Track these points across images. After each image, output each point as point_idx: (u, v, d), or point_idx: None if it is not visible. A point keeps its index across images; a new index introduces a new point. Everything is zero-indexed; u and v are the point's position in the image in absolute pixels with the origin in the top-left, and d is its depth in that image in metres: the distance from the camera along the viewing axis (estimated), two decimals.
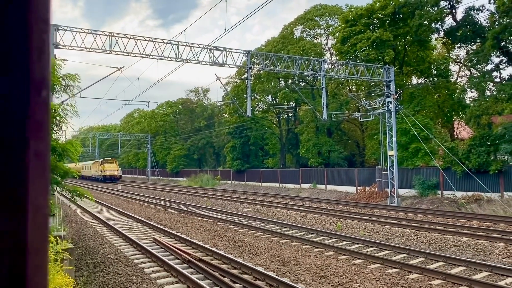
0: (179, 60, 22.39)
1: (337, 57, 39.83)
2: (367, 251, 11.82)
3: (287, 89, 47.99)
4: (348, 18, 37.58)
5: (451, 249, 11.99)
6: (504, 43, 29.48)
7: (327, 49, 48.79)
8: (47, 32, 0.57)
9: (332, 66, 33.44)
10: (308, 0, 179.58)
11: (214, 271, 9.35)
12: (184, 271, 9.24)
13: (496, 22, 30.31)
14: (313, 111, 38.41)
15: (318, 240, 13.57)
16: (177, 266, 9.69)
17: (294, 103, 48.03)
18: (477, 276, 9.09)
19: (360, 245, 12.83)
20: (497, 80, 32.71)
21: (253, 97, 55.31)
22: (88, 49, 20.28)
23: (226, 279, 8.74)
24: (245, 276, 8.97)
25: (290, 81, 48.84)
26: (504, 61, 31.42)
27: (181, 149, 67.17)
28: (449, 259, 10.44)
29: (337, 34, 40.58)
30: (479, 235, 13.35)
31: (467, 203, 23.05)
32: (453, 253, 11.43)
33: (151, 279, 9.20)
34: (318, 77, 31.65)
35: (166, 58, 22.10)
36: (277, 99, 50.58)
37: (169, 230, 15.47)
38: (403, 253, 11.47)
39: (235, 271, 9.42)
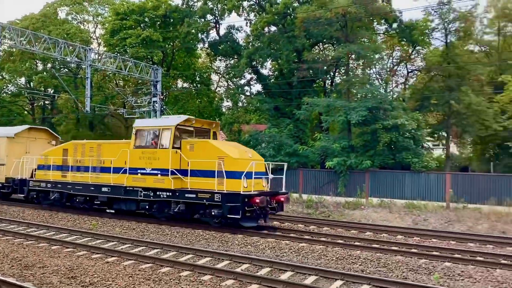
0: None
1: (106, 49, 38.22)
2: (122, 248, 11.77)
3: (45, 73, 43.07)
4: (120, 11, 36.59)
5: (200, 242, 13.12)
6: (255, 62, 34.16)
7: (95, 38, 46.20)
8: None
9: (100, 57, 31.90)
10: None
11: None
12: None
13: (250, 44, 34.88)
14: (75, 101, 35.78)
15: (69, 240, 12.72)
16: None
17: (53, 90, 43.54)
18: (220, 265, 10.26)
19: (115, 242, 12.65)
20: (248, 94, 37.61)
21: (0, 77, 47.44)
22: None
23: None
24: None
25: (49, 65, 44.00)
26: (254, 78, 36.43)
27: None
28: (198, 251, 11.40)
29: (107, 25, 38.95)
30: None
31: None
32: (201, 246, 12.53)
33: None
34: (83, 66, 29.70)
35: None
36: (32, 83, 44.75)
37: None
38: (157, 248, 11.90)
39: None
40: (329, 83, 36.23)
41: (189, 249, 11.61)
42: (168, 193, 15.34)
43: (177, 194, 15.19)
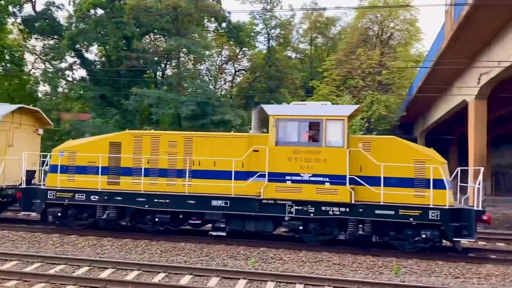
0: None
1: None
2: None
3: None
4: None
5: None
6: (79, 46, 31.47)
7: None
8: None
9: None
10: None
11: None
12: None
13: (74, 25, 31.95)
14: None
15: None
16: None
17: None
18: (28, 269, 9.19)
19: None
20: (70, 79, 34.43)
21: None
22: None
23: None
24: None
25: None
26: (77, 62, 33.55)
27: None
28: None
29: None
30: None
31: None
32: None
33: None
34: None
35: None
36: None
37: None
38: None
39: None
40: (160, 75, 35.81)
41: None
42: (343, 209, 11.29)
43: (361, 210, 11.19)
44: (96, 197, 12.50)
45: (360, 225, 11.18)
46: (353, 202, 11.07)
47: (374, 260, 10.64)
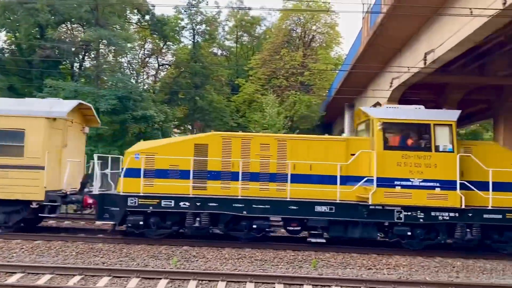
0: None
1: None
2: None
3: None
4: None
5: None
6: None
7: None
8: None
9: None
10: None
11: None
12: None
13: None
14: None
15: None
16: None
17: None
18: None
19: None
20: None
21: None
22: None
23: None
24: None
25: None
26: None
27: None
28: None
29: None
30: None
31: None
32: None
33: None
34: None
35: None
36: None
37: None
38: None
39: None
40: (78, 67, 33.83)
41: None
42: (452, 214, 11.29)
43: (470, 215, 11.29)
44: (187, 203, 11.58)
45: (468, 230, 11.35)
46: (462, 207, 11.20)
47: (294, 254, 11.02)
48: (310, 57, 38.82)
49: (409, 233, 11.46)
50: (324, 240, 11.71)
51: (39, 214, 12.42)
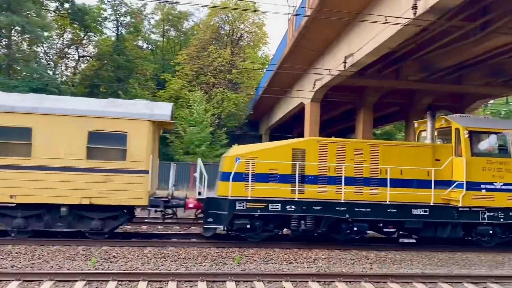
0: None
1: None
2: None
3: None
4: None
5: None
6: None
7: None
8: None
9: None
10: None
11: None
12: None
13: None
14: None
15: None
16: None
17: None
18: None
19: None
20: None
21: None
22: None
23: None
24: None
25: None
26: None
27: None
28: None
29: None
30: None
31: None
32: None
33: None
34: None
35: None
36: None
37: None
38: None
39: None
40: None
41: None
42: None
43: None
44: (293, 207, 11.84)
45: None
46: None
47: (218, 251, 11.06)
48: (238, 55, 39.08)
49: (490, 232, 12.72)
50: (414, 241, 12.94)
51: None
